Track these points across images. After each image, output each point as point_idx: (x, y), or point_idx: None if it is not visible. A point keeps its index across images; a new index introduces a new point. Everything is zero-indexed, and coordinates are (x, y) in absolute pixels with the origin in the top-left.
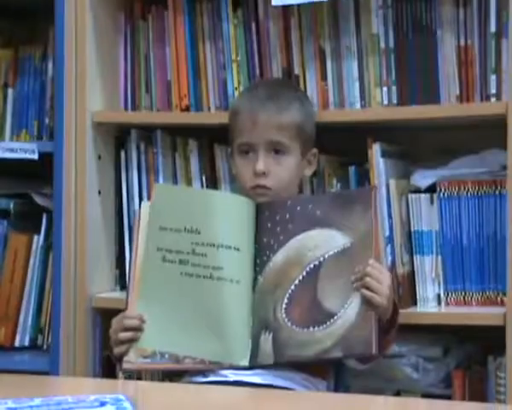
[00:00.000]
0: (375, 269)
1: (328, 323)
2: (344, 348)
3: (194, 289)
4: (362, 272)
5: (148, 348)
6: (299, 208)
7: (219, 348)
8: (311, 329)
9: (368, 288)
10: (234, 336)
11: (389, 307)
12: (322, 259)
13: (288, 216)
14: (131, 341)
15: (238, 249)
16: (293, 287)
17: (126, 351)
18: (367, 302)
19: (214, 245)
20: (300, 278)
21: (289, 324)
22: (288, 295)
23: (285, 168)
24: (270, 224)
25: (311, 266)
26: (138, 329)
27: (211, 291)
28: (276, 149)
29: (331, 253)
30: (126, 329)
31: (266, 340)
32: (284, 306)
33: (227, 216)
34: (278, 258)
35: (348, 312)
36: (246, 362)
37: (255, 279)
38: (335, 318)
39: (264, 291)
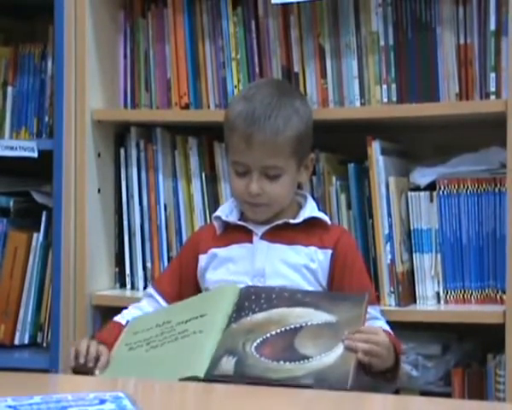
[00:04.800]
0: (365, 333)
1: (301, 361)
2: (316, 378)
3: (160, 350)
4: (357, 338)
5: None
6: (286, 294)
7: (177, 367)
8: (282, 362)
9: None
10: (193, 355)
11: (390, 354)
12: (304, 324)
13: (274, 296)
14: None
15: (204, 316)
16: (268, 335)
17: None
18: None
19: (183, 322)
20: (278, 331)
21: (257, 356)
22: (261, 339)
23: (280, 186)
24: (254, 296)
25: (292, 326)
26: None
27: (175, 346)
28: (271, 172)
29: (314, 322)
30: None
31: (228, 361)
32: (255, 345)
33: (202, 307)
34: (259, 316)
35: (325, 358)
36: (201, 374)
37: (228, 325)
38: (310, 360)
39: (236, 333)
